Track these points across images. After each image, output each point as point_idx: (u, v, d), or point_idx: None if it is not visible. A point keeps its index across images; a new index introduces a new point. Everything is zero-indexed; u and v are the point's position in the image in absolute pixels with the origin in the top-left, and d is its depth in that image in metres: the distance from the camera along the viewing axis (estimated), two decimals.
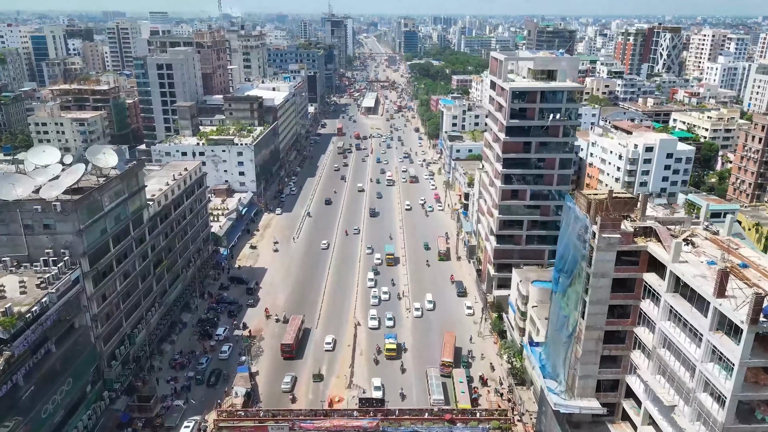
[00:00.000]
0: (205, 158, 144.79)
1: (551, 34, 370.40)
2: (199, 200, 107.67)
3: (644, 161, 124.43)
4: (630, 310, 56.22)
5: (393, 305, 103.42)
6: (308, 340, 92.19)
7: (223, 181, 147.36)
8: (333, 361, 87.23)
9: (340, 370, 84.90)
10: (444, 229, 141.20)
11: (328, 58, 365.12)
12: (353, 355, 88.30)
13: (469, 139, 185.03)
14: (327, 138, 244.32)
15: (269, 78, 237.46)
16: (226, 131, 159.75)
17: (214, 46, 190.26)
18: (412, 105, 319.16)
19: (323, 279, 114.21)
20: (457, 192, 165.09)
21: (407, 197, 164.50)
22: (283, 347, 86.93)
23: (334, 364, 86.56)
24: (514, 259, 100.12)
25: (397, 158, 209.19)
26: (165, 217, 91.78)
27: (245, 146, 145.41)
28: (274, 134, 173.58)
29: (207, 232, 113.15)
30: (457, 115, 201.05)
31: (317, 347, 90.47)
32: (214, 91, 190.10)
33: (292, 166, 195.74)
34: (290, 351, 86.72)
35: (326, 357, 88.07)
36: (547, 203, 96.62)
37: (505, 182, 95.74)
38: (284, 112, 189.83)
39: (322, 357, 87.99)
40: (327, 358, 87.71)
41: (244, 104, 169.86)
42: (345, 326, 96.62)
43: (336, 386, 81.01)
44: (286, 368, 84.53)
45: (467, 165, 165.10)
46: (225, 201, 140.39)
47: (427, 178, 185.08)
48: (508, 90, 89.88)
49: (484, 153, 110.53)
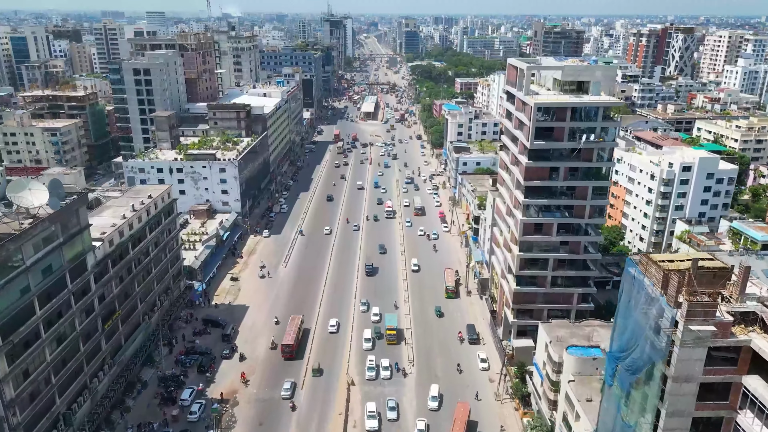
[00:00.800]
0: (184, 175, 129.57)
1: (558, 35, 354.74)
2: (167, 231, 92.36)
3: (680, 182, 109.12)
4: (721, 425, 40.78)
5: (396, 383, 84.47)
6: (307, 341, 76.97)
7: (204, 200, 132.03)
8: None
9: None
10: (451, 255, 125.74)
11: (326, 60, 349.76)
12: (345, 427, 72.93)
13: (476, 150, 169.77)
14: (323, 146, 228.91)
15: (261, 82, 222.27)
16: (209, 143, 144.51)
17: (199, 48, 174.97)
18: (413, 110, 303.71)
19: (313, 318, 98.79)
20: (464, 210, 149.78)
21: (414, 249, 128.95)
22: (284, 348, 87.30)
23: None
24: (538, 303, 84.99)
25: (400, 184, 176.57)
26: (120, 257, 76.45)
27: (228, 162, 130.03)
28: (264, 146, 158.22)
29: (178, 266, 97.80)
30: (463, 124, 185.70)
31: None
32: (199, 98, 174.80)
33: (285, 179, 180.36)
34: (290, 351, 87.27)
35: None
36: (578, 239, 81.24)
37: (527, 214, 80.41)
38: (275, 121, 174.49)
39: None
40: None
41: (230, 113, 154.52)
42: (335, 390, 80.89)
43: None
44: (285, 374, 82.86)
45: (475, 180, 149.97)
46: (205, 224, 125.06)
47: (430, 193, 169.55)
48: (533, 106, 74.48)
49: (499, 176, 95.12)
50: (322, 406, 76.80)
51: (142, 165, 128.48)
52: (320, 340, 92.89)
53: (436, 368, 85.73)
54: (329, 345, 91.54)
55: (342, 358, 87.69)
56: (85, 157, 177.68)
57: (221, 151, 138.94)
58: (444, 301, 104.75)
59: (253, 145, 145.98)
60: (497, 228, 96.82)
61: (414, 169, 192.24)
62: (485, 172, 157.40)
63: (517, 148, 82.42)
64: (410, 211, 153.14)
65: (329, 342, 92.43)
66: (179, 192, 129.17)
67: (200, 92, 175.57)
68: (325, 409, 76.22)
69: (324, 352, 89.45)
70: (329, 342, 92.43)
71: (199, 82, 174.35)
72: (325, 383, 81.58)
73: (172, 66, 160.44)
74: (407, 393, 79.95)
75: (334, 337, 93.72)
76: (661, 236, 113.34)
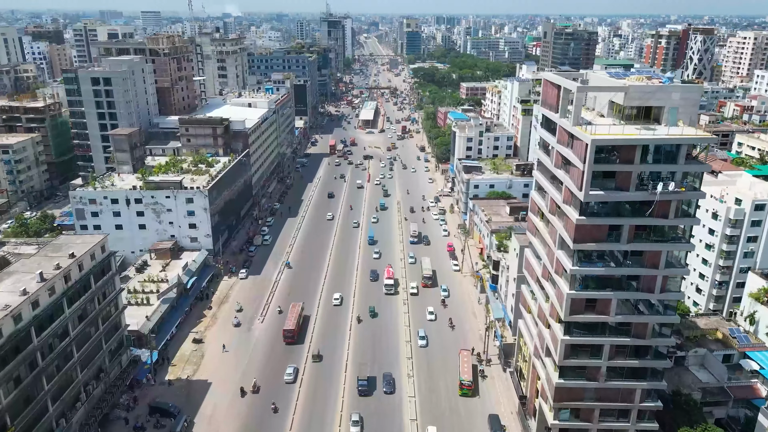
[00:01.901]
0: (144, 207, 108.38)
1: (570, 36, 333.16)
2: (100, 297, 71.10)
3: (751, 223, 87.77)
4: None
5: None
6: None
7: (169, 236, 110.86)
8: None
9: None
10: (465, 308, 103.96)
11: (323, 62, 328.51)
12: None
13: (489, 169, 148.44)
14: (317, 159, 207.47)
15: (249, 90, 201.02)
16: (178, 165, 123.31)
17: (173, 53, 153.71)
18: (415, 116, 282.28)
19: (290, 409, 77.56)
20: (477, 242, 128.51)
21: (419, 317, 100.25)
22: (285, 332, 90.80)
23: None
24: (587, 401, 63.71)
25: (404, 235, 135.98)
26: (18, 349, 55.38)
27: (197, 191, 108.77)
28: (244, 166, 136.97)
29: (119, 337, 76.56)
30: (473, 138, 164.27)
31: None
32: (173, 110, 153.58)
33: (271, 200, 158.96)
34: (292, 336, 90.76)
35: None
36: (645, 319, 59.92)
37: (576, 286, 59.14)
38: (260, 136, 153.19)
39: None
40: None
41: (204, 128, 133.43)
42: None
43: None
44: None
45: (489, 206, 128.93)
46: (167, 266, 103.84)
47: (436, 218, 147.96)
48: (588, 143, 53.23)
49: (530, 223, 73.60)
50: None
51: (93, 195, 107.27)
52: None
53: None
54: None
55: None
56: (45, 177, 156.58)
57: (191, 176, 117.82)
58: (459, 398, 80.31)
59: (230, 167, 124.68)
60: (527, 288, 75.55)
61: (419, 201, 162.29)
62: (500, 196, 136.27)
63: (560, 195, 61.08)
64: (416, 271, 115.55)
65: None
66: (138, 227, 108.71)
67: (175, 103, 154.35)
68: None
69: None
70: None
71: (173, 91, 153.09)
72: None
73: (139, 74, 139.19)
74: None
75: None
76: (724, 288, 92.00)
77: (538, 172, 70.60)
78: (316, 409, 76.18)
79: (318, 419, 74.40)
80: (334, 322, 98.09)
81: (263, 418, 74.33)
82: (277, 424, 73.36)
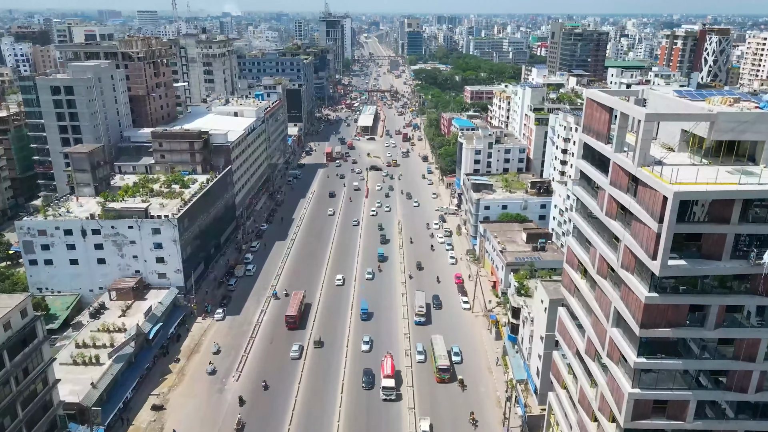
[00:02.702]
0: (103, 238, 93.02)
1: (579, 36, 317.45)
2: (21, 374, 55.66)
3: None
4: None
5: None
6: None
7: (133, 272, 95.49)
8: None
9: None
10: (479, 361, 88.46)
11: (320, 65, 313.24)
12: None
13: (500, 186, 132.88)
14: (312, 170, 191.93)
15: (237, 96, 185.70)
16: (149, 186, 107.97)
17: (149, 57, 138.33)
18: (417, 122, 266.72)
19: None
20: (489, 273, 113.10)
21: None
22: (287, 318, 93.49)
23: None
24: None
25: (408, 294, 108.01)
26: None
27: (165, 220, 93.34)
28: (226, 185, 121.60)
29: (51, 418, 61.08)
30: (481, 150, 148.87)
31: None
32: (150, 121, 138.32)
33: (257, 221, 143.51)
34: (294, 322, 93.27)
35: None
36: (734, 427, 44.53)
37: (642, 381, 43.74)
38: (246, 149, 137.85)
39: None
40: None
41: (180, 143, 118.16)
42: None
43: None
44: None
45: (502, 231, 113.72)
46: (128, 309, 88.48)
47: (442, 242, 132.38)
48: (670, 197, 37.79)
49: (567, 278, 58.00)
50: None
51: (42, 225, 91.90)
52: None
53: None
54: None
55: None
56: (8, 194, 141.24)
57: (162, 199, 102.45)
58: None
59: (207, 188, 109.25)
60: (562, 358, 60.11)
61: (422, 222, 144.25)
62: (514, 219, 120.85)
63: (616, 255, 45.62)
64: (426, 369, 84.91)
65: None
66: (97, 261, 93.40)
67: (151, 113, 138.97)
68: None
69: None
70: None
71: (150, 100, 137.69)
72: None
73: (108, 81, 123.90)
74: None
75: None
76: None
77: (578, 215, 55.19)
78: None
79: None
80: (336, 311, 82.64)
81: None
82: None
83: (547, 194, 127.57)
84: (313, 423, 73.68)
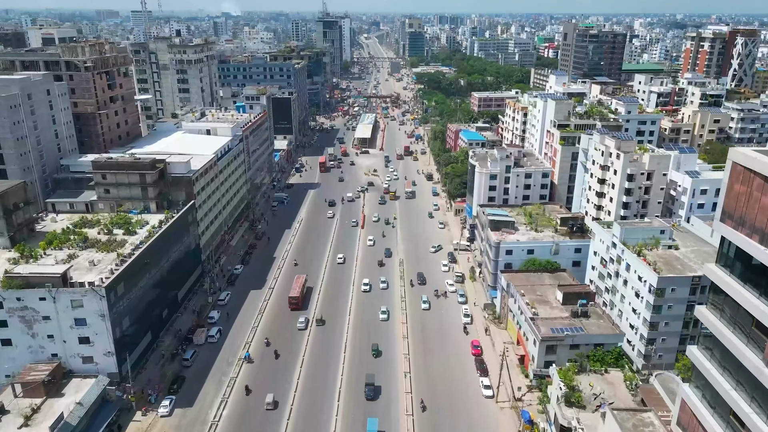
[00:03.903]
0: (7, 314, 69.89)
1: (595, 38, 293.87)
2: None
3: None
4: None
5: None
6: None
7: (48, 355, 72.37)
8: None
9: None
10: None
11: (315, 69, 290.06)
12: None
13: (523, 222, 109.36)
14: (301, 192, 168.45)
15: (216, 108, 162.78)
16: (82, 234, 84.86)
17: (101, 66, 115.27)
18: (420, 133, 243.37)
19: None
20: (514, 341, 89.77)
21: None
22: (290, 300, 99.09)
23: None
24: None
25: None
26: None
27: (89, 291, 70.10)
28: (187, 225, 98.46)
29: None
30: (497, 175, 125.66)
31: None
32: (102, 144, 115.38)
33: (232, 260, 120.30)
34: (296, 303, 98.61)
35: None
36: None
37: None
38: (215, 177, 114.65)
39: None
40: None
41: (129, 174, 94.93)
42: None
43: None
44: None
45: (530, 284, 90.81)
46: (38, 410, 65.30)
47: (453, 290, 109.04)
48: None
49: (686, 416, 34.81)
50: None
51: None
52: None
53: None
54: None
55: None
56: None
57: (97, 252, 79.39)
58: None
59: (157, 235, 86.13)
60: None
61: (427, 262, 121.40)
62: (543, 267, 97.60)
63: None
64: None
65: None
66: (1, 343, 70.02)
67: (103, 133, 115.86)
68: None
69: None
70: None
71: (101, 118, 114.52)
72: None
73: (42, 97, 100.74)
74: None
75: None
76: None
77: (704, 353, 31.90)
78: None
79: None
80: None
81: None
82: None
83: (581, 233, 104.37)
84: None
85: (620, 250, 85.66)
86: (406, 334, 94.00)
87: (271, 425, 72.84)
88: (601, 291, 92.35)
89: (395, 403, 77.37)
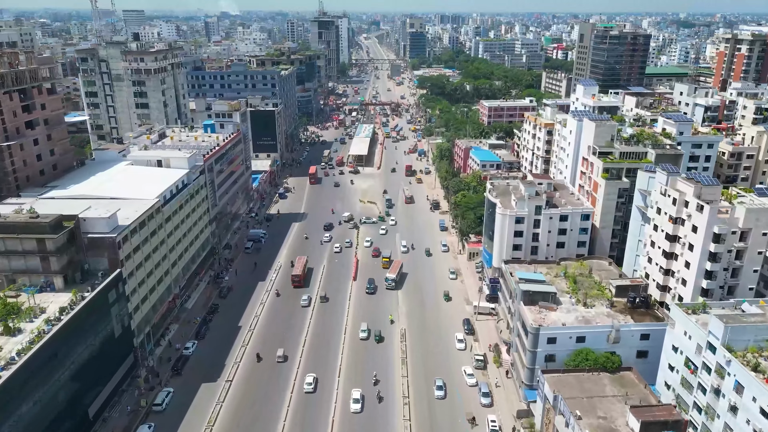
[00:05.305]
0: None
1: (616, 39, 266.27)
2: None
3: None
4: None
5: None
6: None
7: None
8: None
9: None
10: None
11: (307, 74, 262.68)
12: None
13: (565, 291, 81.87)
14: (283, 226, 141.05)
15: (182, 126, 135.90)
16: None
17: (11, 83, 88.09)
18: (424, 148, 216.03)
19: None
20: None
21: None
22: (293, 278, 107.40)
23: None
24: None
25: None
26: None
27: None
28: (108, 306, 71.23)
29: None
30: (525, 218, 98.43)
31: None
32: (14, 182, 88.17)
33: (184, 334, 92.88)
34: (299, 281, 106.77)
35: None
36: None
37: None
38: (157, 230, 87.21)
39: None
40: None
41: (23, 240, 67.76)
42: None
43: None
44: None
45: (582, 391, 63.57)
46: None
47: (473, 383, 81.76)
48: None
49: None
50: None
51: None
52: None
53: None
54: None
55: None
56: None
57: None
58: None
59: (60, 326, 59.06)
60: None
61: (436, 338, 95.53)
62: (599, 365, 70.26)
63: None
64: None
65: None
66: None
67: (16, 169, 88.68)
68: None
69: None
70: None
71: (12, 150, 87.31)
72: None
73: None
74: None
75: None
76: None
77: None
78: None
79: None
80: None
81: None
82: None
83: (646, 310, 77.20)
84: None
85: (724, 358, 58.46)
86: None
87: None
88: (687, 407, 65.06)
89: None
